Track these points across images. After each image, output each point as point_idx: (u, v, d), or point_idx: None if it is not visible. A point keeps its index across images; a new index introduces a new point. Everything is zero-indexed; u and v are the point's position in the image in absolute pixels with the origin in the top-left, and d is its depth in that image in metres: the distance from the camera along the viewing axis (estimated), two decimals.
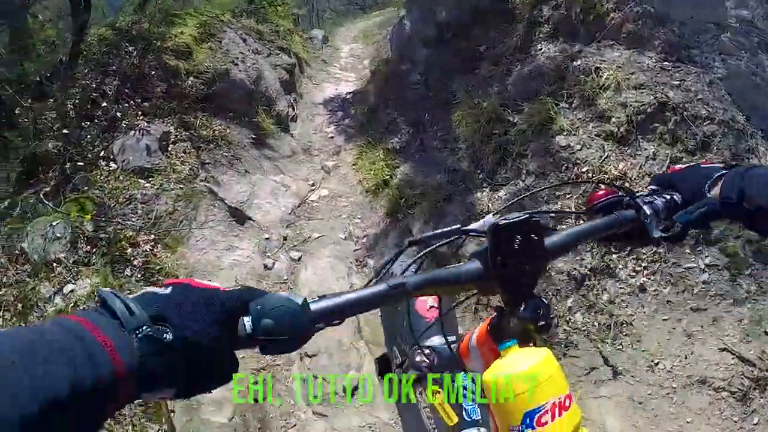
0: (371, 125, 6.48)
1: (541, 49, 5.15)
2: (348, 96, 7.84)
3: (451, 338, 1.10)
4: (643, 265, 3.34)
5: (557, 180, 3.80)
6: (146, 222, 3.79)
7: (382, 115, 6.53)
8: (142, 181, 4.16)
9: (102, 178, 4.12)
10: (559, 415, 0.65)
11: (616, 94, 4.07)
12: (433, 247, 0.81)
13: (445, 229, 0.80)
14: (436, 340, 1.16)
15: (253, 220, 4.47)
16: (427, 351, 1.12)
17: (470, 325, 3.23)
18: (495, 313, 0.83)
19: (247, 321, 0.60)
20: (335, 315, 0.66)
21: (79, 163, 4.24)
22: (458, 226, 0.80)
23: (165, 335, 0.53)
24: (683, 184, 0.88)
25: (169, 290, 0.58)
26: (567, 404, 0.66)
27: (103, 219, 3.58)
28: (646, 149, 3.81)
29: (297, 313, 0.60)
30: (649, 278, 3.28)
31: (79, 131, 4.46)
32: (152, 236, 3.70)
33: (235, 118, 5.63)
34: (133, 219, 3.76)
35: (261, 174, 5.20)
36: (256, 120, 5.86)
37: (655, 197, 0.87)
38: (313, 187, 5.29)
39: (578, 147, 3.97)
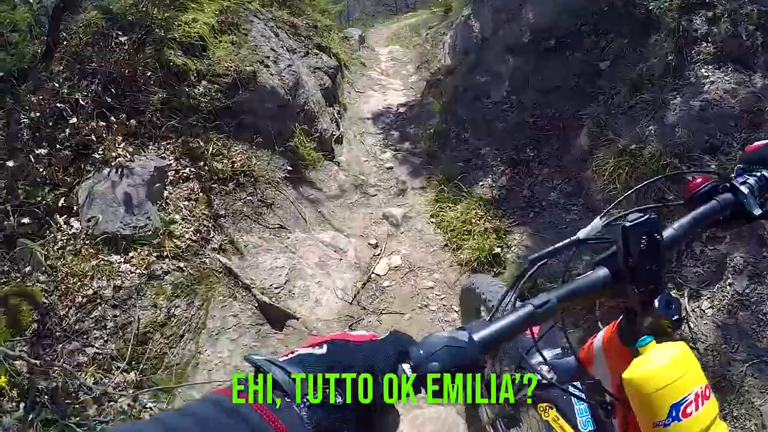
0: (443, 155, 4.77)
1: (707, 77, 3.46)
2: (401, 110, 6.14)
3: (557, 352, 1.13)
4: None
5: None
6: (120, 344, 2.10)
7: (456, 143, 4.82)
8: (117, 257, 2.47)
9: (56, 249, 2.43)
10: (702, 404, 0.64)
11: None
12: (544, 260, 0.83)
13: (564, 242, 0.81)
14: (542, 356, 0.95)
15: (297, 318, 2.77)
16: (545, 368, 1.00)
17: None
18: (621, 317, 0.82)
19: (406, 367, 0.57)
20: (496, 343, 0.65)
21: (25, 220, 2.57)
22: (576, 237, 0.81)
23: (336, 398, 0.52)
24: None
25: (324, 349, 0.56)
26: (708, 393, 0.65)
27: (47, 349, 1.90)
28: None
29: (464, 351, 0.59)
30: None
31: (31, 164, 2.78)
32: (131, 375, 2.01)
33: (265, 141, 3.92)
34: (98, 342, 2.07)
35: (302, 230, 3.50)
36: (292, 144, 4.17)
37: (747, 176, 0.85)
38: (378, 252, 3.58)
39: None
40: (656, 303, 0.71)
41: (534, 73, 4.69)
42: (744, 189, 0.82)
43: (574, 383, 1.01)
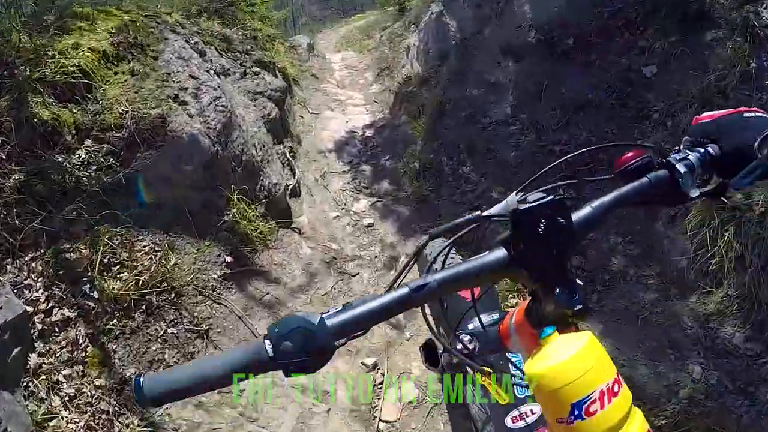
0: (438, 200, 3.54)
1: None
2: (368, 133, 4.88)
3: (494, 317, 1.07)
4: None
5: None
6: None
7: (453, 180, 3.61)
8: None
9: None
10: (609, 402, 0.58)
11: None
12: (453, 239, 0.78)
13: (466, 217, 0.73)
14: (478, 322, 0.96)
15: None
16: (467, 338, 0.99)
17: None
18: (531, 297, 0.75)
19: (268, 345, 0.57)
20: (357, 327, 0.61)
21: None
22: (479, 212, 0.72)
23: None
24: (723, 134, 0.74)
25: None
26: (616, 389, 0.59)
27: None
28: None
29: (313, 335, 0.57)
30: None
31: None
32: None
33: (186, 225, 2.61)
34: None
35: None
36: (228, 219, 2.84)
37: (688, 152, 0.74)
38: (380, 379, 2.36)
39: None
40: (556, 291, 0.65)
41: (550, 82, 3.50)
42: (681, 167, 0.72)
43: (492, 356, 0.95)
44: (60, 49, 2.82)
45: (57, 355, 1.88)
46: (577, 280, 0.66)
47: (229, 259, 2.68)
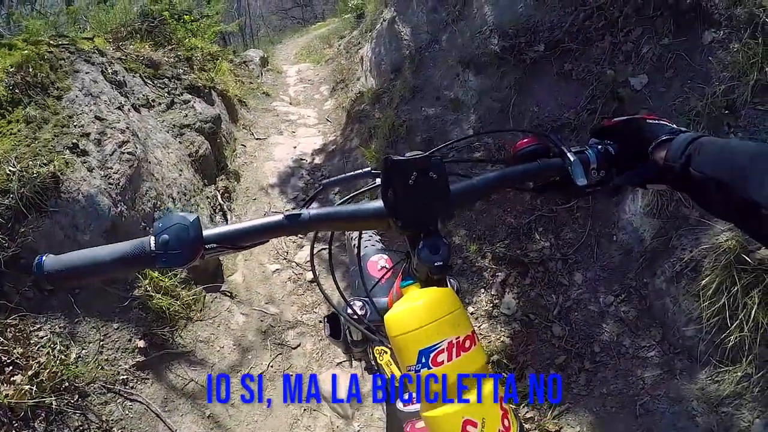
0: (391, 247, 2.93)
1: None
2: (317, 160, 4.27)
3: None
4: None
5: None
6: None
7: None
8: None
9: None
10: (457, 355, 0.57)
11: None
12: (335, 181, 0.81)
13: (357, 172, 0.80)
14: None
15: None
16: (359, 303, 1.01)
17: None
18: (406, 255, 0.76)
19: (152, 240, 0.58)
20: (229, 240, 0.61)
21: None
22: (369, 168, 0.77)
23: None
24: (622, 137, 0.76)
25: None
26: (467, 345, 0.58)
27: None
28: None
29: (187, 229, 0.58)
30: None
31: None
32: None
33: (87, 303, 2.02)
34: None
35: None
36: (139, 294, 2.22)
37: (587, 147, 0.76)
38: None
39: None
40: (420, 245, 0.64)
41: (518, 98, 2.92)
42: (571, 156, 0.72)
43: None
44: None
45: None
46: (444, 238, 0.64)
47: (141, 343, 2.08)
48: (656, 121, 0.73)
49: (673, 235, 1.97)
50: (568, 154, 0.72)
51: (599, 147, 0.74)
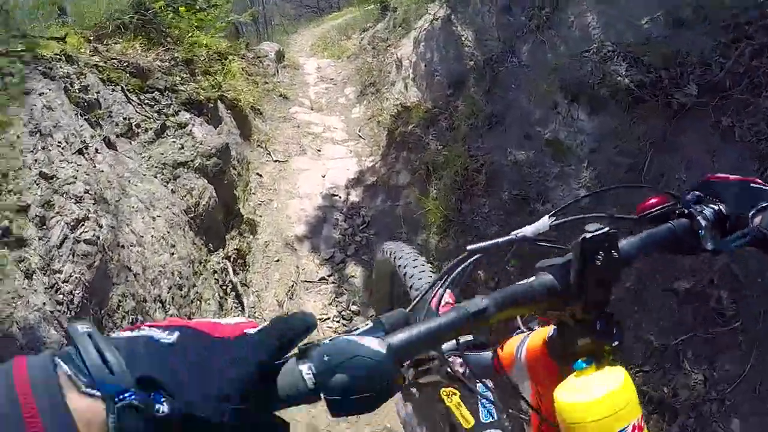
0: None
1: None
2: (354, 197, 3.28)
3: (467, 337, 0.87)
4: None
5: None
6: None
7: None
8: None
9: None
10: None
11: None
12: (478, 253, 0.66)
13: (507, 237, 0.66)
14: (456, 343, 0.76)
15: None
16: (459, 360, 0.87)
17: None
18: (553, 329, 0.66)
19: (306, 372, 0.38)
20: (419, 349, 0.48)
21: None
22: (516, 233, 0.66)
23: (158, 407, 0.32)
24: (730, 197, 0.70)
25: (174, 336, 0.35)
26: (642, 425, 0.54)
27: None
28: None
29: (381, 365, 0.40)
30: None
31: None
32: None
33: None
34: None
35: None
36: None
37: (704, 206, 0.69)
38: None
39: None
40: (597, 325, 0.58)
41: (656, 155, 1.95)
42: (701, 220, 0.67)
43: (486, 381, 0.84)
44: None
45: None
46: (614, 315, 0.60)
47: None
48: (759, 186, 0.68)
49: None
50: (698, 218, 0.65)
51: (714, 208, 0.67)
